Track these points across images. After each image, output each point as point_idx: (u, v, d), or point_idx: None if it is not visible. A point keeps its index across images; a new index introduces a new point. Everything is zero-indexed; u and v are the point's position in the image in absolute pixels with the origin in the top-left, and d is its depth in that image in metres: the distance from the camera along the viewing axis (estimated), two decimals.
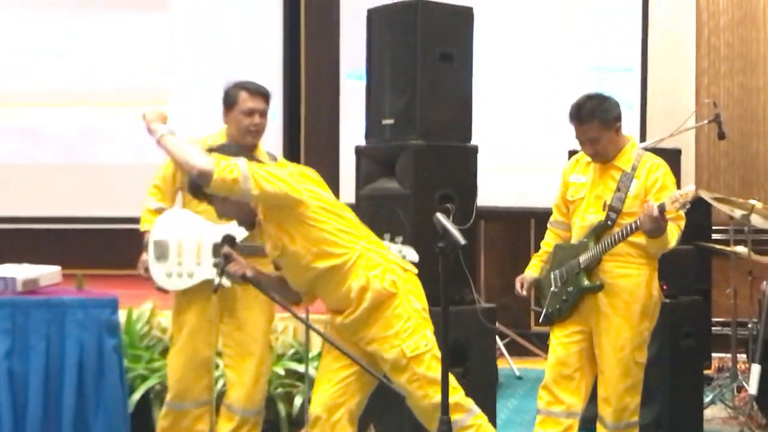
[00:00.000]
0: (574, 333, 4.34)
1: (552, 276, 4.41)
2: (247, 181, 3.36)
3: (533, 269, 4.57)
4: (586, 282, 4.21)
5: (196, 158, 3.48)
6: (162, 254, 4.38)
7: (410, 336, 3.57)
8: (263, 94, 4.47)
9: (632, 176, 4.31)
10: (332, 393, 3.69)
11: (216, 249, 4.22)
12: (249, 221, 3.67)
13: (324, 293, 3.71)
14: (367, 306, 3.55)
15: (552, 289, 4.40)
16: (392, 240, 3.42)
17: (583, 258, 4.19)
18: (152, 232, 4.45)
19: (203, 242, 4.35)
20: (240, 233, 4.22)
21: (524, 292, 4.58)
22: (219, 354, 4.60)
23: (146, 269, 4.46)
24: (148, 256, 4.45)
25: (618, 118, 4.37)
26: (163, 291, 4.49)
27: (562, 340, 4.36)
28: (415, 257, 3.35)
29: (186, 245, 4.37)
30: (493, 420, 4.36)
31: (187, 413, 4.47)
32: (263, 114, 4.44)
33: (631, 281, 4.33)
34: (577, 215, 4.26)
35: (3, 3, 8.97)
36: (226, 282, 4.20)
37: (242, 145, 4.33)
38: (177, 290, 4.42)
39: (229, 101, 4.46)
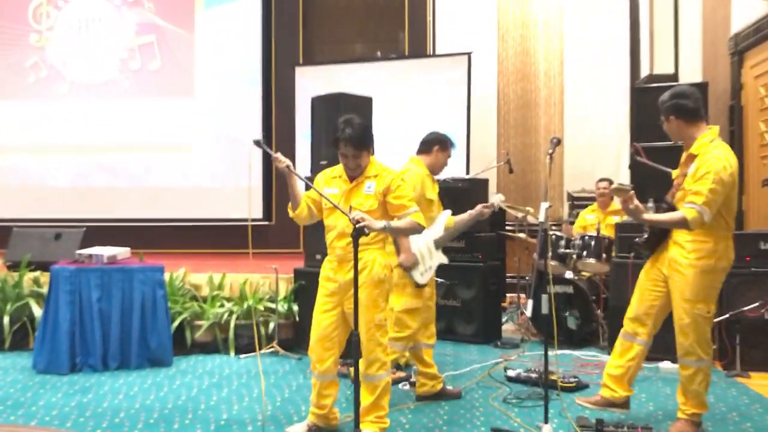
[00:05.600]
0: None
1: None
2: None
3: None
4: None
5: (409, 227, 3.11)
6: (414, 264, 3.73)
7: None
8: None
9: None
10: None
11: (436, 242, 3.85)
12: None
13: None
14: None
15: None
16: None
17: None
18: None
19: (429, 244, 3.81)
20: (435, 233, 3.87)
21: None
22: None
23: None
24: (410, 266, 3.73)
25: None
26: (421, 286, 3.77)
27: None
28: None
29: (423, 252, 3.76)
30: None
31: None
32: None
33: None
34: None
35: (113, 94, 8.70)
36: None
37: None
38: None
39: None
